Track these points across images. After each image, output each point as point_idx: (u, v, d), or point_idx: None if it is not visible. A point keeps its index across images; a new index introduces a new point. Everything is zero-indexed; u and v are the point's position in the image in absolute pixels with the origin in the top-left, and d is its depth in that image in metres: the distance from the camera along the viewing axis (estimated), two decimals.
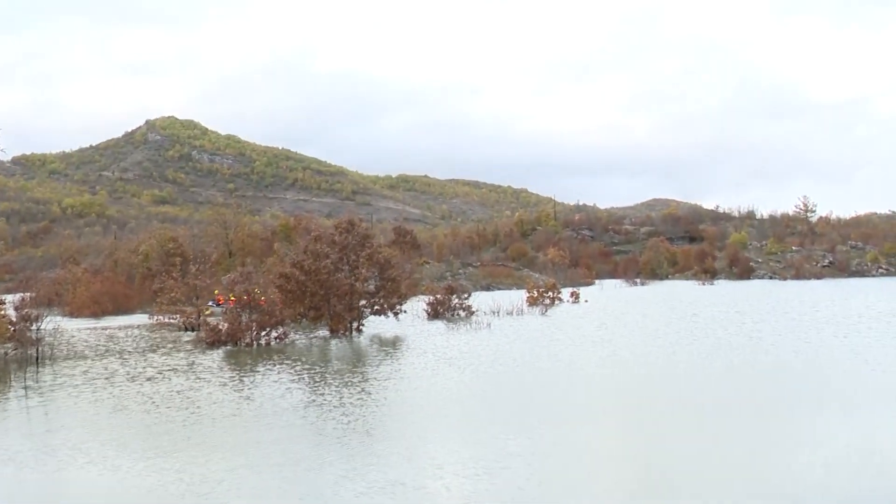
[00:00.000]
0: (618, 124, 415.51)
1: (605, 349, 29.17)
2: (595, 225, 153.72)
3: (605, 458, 14.03)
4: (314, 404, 18.71)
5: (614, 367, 24.91)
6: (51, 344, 28.47)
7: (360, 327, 37.31)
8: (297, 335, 35.25)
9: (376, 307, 38.70)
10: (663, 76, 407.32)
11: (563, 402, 19.01)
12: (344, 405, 18.33)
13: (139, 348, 31.98)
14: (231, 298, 36.38)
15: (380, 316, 39.26)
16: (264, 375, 23.83)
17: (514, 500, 11.17)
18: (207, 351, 30.62)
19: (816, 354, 26.45)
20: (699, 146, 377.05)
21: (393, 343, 33.07)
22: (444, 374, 23.32)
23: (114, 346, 32.95)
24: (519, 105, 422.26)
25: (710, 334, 33.66)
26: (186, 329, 39.43)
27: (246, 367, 25.97)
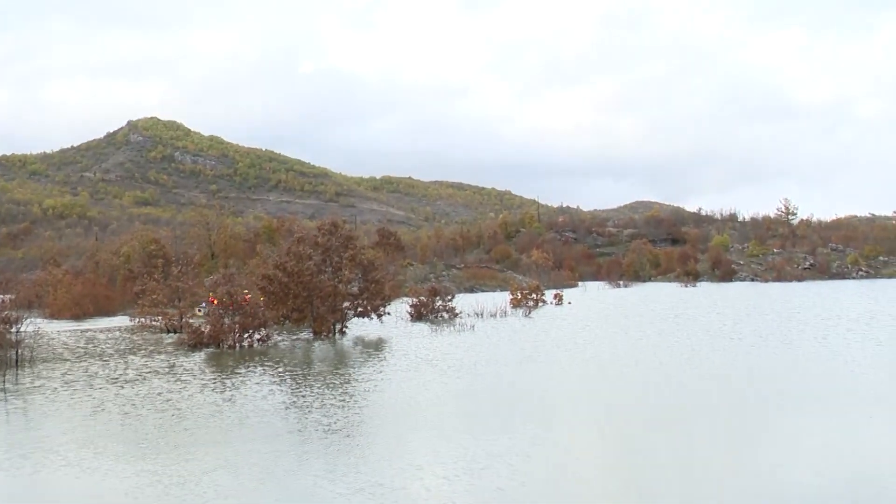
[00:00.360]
0: (602, 127, 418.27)
1: (587, 351, 29.31)
2: (578, 227, 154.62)
3: (586, 458, 14.09)
4: (295, 406, 18.67)
5: (597, 368, 25.04)
6: (31, 346, 28.21)
7: (344, 329, 37.26)
8: (280, 337, 35.15)
9: (360, 309, 38.65)
10: (647, 80, 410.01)
11: (545, 403, 19.08)
12: (325, 407, 18.30)
13: (120, 350, 31.77)
14: (211, 297, 36.22)
15: (363, 318, 39.22)
16: (246, 377, 23.74)
17: (495, 501, 11.20)
18: (189, 353, 30.47)
19: (796, 355, 26.70)
20: (682, 149, 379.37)
21: (376, 345, 33.03)
22: (427, 375, 23.33)
23: (94, 348, 32.72)
24: (503, 107, 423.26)
25: (692, 336, 33.93)
26: (168, 331, 39.24)
27: (227, 369, 25.86)
